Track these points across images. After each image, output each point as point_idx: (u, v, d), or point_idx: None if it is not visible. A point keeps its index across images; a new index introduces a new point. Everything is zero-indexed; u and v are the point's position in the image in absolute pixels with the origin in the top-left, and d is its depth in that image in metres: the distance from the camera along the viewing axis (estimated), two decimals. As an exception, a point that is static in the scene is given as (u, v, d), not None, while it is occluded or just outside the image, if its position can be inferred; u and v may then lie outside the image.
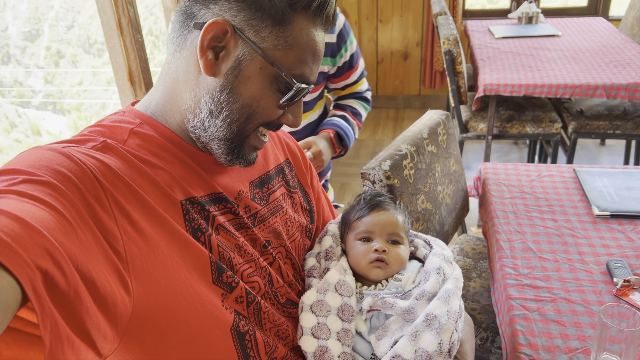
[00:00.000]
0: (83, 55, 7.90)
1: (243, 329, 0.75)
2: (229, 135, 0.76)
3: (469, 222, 2.85)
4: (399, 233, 0.98)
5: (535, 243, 1.35)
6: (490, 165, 1.75)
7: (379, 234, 0.97)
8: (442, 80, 4.34)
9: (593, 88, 2.47)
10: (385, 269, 0.94)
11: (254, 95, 0.74)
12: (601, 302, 1.14)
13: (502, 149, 3.80)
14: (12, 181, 0.57)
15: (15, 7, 7.55)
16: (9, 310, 0.47)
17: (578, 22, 3.54)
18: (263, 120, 0.77)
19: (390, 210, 1.00)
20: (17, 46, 7.48)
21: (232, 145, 0.77)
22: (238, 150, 0.78)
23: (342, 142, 1.52)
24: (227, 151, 0.78)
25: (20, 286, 0.47)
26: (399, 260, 0.96)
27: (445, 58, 2.67)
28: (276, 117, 0.78)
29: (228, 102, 0.73)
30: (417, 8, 4.19)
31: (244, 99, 0.74)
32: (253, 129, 0.77)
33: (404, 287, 0.93)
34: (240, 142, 0.78)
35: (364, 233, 0.98)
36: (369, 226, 0.98)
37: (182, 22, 0.74)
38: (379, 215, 0.99)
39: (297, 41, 0.73)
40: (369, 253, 0.95)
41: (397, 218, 0.99)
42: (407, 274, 0.95)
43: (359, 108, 1.59)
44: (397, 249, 0.96)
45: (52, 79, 7.90)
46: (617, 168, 1.68)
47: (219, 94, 0.73)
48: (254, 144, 0.80)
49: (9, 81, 7.86)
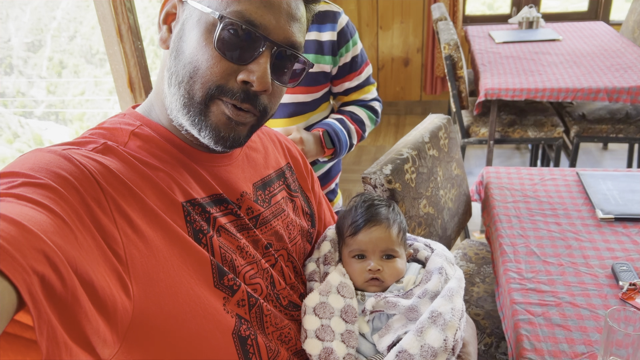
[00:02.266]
0: (85, 65, 7.94)
1: (244, 333, 0.74)
2: (182, 101, 0.71)
3: (472, 228, 2.83)
4: (393, 248, 0.95)
5: (539, 247, 1.33)
6: (493, 169, 1.74)
7: (372, 251, 0.95)
8: (443, 86, 4.34)
9: (595, 91, 2.46)
10: (381, 286, 0.94)
11: (193, 48, 0.70)
12: (607, 306, 1.12)
13: (504, 154, 3.79)
14: (10, 184, 0.57)
15: (18, 18, 7.60)
16: (4, 315, 0.46)
17: (579, 27, 3.54)
18: (209, 77, 0.70)
19: (383, 224, 0.96)
20: (19, 57, 7.52)
21: (190, 113, 0.72)
22: (199, 120, 0.72)
23: (332, 143, 1.44)
24: (190, 123, 0.72)
25: (16, 291, 0.46)
26: (395, 274, 0.95)
27: (446, 63, 2.67)
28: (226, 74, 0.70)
29: (176, 65, 0.72)
30: (417, 14, 4.20)
31: (185, 56, 0.71)
32: (204, 93, 0.71)
33: (405, 289, 0.93)
34: (198, 108, 0.71)
35: (358, 251, 0.96)
36: (362, 244, 0.95)
37: None
38: (371, 232, 0.95)
39: None
40: (364, 272, 0.94)
41: (391, 232, 0.96)
42: (407, 276, 0.95)
43: (361, 115, 1.52)
44: (392, 263, 0.95)
45: (55, 89, 7.94)
46: (621, 171, 1.66)
47: (169, 62, 0.73)
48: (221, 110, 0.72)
49: (11, 92, 7.89)
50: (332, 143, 1.44)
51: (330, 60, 1.44)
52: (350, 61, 1.48)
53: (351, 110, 1.52)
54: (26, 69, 7.60)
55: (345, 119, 1.48)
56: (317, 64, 1.42)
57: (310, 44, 1.42)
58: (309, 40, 1.41)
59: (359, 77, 1.52)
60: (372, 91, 1.57)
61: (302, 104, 1.45)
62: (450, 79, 2.72)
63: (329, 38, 1.42)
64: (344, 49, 1.45)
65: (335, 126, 1.44)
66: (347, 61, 1.47)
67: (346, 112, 1.51)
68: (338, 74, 1.49)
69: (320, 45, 1.42)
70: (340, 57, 1.46)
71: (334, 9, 1.44)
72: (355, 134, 1.49)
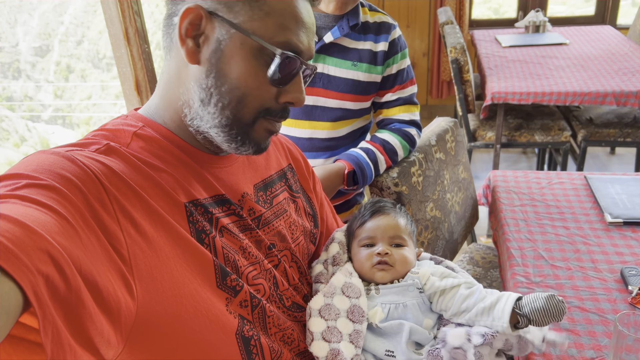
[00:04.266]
0: (92, 69, 7.99)
1: (248, 334, 0.74)
2: (225, 122, 0.74)
3: (479, 232, 2.82)
4: (401, 235, 0.98)
5: (546, 251, 1.32)
6: (500, 173, 1.73)
7: (380, 238, 0.98)
8: (450, 90, 4.33)
9: (602, 95, 2.44)
10: (389, 271, 0.94)
11: (240, 74, 0.71)
12: (616, 311, 1.11)
13: (511, 158, 3.78)
14: (15, 185, 0.57)
15: (26, 23, 7.67)
16: (11, 316, 0.46)
17: (586, 31, 3.53)
18: (259, 102, 0.74)
19: (391, 214, 1.01)
20: (27, 61, 7.59)
21: (233, 132, 0.74)
22: (243, 137, 0.75)
23: (354, 180, 1.42)
24: (229, 139, 0.75)
25: (22, 291, 0.46)
26: (404, 261, 0.96)
27: (452, 66, 2.67)
28: (272, 97, 0.75)
29: (216, 85, 0.72)
30: (423, 19, 4.20)
31: (231, 80, 0.72)
32: (253, 116, 0.75)
33: (421, 281, 0.93)
34: (242, 129, 0.75)
35: (366, 239, 0.99)
36: (371, 232, 0.99)
37: (167, 24, 0.75)
38: (379, 219, 1.00)
39: (273, 7, 0.71)
40: (371, 257, 0.95)
41: (399, 221, 1.00)
42: (423, 270, 0.95)
43: (395, 145, 1.45)
44: (401, 250, 0.97)
45: (62, 93, 7.99)
46: (629, 175, 1.65)
47: (206, 80, 0.72)
48: (267, 127, 0.77)
49: (19, 96, 7.96)
50: (356, 179, 1.41)
51: (379, 69, 1.44)
52: (395, 73, 1.47)
53: (384, 138, 1.46)
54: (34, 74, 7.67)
55: (375, 150, 1.43)
56: (369, 74, 1.43)
57: (365, 53, 1.42)
58: (364, 49, 1.42)
59: (402, 91, 1.49)
60: (414, 112, 1.52)
61: (348, 111, 1.45)
62: (457, 82, 2.71)
63: (382, 48, 1.43)
64: (391, 59, 1.45)
65: (362, 159, 1.40)
66: (392, 73, 1.46)
67: (378, 139, 1.46)
68: (382, 84, 1.47)
69: (374, 56, 1.43)
70: (387, 68, 1.45)
71: (390, 21, 1.46)
72: (384, 164, 1.44)
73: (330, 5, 1.35)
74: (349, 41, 1.41)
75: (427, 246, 1.51)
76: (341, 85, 1.41)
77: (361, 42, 1.42)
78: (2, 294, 0.45)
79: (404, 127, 1.49)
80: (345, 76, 1.41)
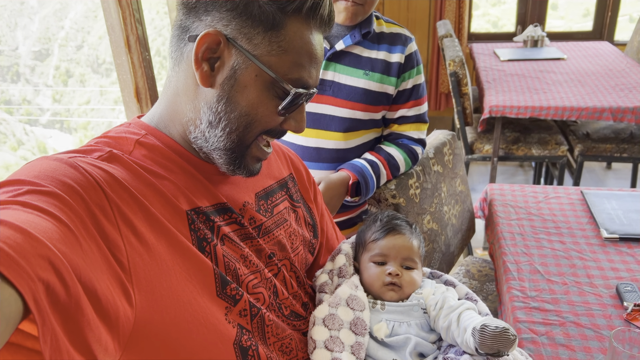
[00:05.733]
0: (91, 74, 8.00)
1: (246, 344, 0.74)
2: (229, 145, 0.75)
3: (475, 245, 2.82)
4: (414, 258, 0.99)
5: (542, 265, 1.33)
6: (497, 186, 1.74)
7: (393, 257, 0.98)
8: (448, 102, 4.35)
9: (600, 111, 2.46)
10: (398, 292, 0.96)
11: (252, 103, 0.73)
12: (611, 327, 1.11)
13: (508, 171, 3.79)
14: (16, 192, 0.57)
15: (26, 27, 7.68)
16: (10, 323, 0.46)
17: (583, 46, 3.56)
18: (263, 128, 0.76)
19: (407, 235, 1.01)
20: (26, 65, 7.59)
21: (234, 155, 0.76)
22: (240, 160, 0.78)
23: (357, 191, 1.42)
24: (229, 161, 0.77)
25: (22, 298, 0.46)
26: (412, 284, 0.97)
27: (450, 79, 2.68)
28: (277, 124, 0.78)
29: (226, 111, 0.73)
30: (422, 30, 4.23)
31: (242, 108, 0.73)
32: (254, 138, 0.77)
33: (425, 300, 0.94)
34: (241, 151, 0.77)
35: (379, 256, 0.99)
36: (385, 250, 0.99)
37: (178, 36, 0.75)
38: (395, 239, 1.00)
39: (291, 45, 0.72)
40: (383, 276, 0.96)
41: (413, 243, 1.00)
42: (426, 289, 0.97)
43: (399, 161, 1.45)
44: (411, 273, 0.98)
45: (60, 97, 7.98)
46: (625, 191, 1.66)
47: (217, 104, 0.73)
48: (256, 154, 0.79)
49: (17, 99, 7.95)
50: (357, 191, 1.41)
51: (394, 82, 1.41)
52: (411, 88, 1.44)
53: (391, 153, 1.45)
54: (33, 77, 7.66)
55: (380, 163, 1.42)
56: (382, 84, 1.40)
57: (378, 63, 1.40)
58: (377, 58, 1.40)
59: (417, 108, 1.47)
60: (423, 131, 1.52)
61: (359, 121, 1.42)
62: (455, 95, 2.73)
63: (397, 60, 1.40)
64: (407, 73, 1.43)
65: (366, 172, 1.39)
66: (407, 87, 1.44)
67: (384, 153, 1.45)
68: (396, 98, 1.45)
69: (388, 66, 1.40)
70: (402, 82, 1.43)
71: (407, 34, 1.44)
72: (385, 178, 1.45)
73: (340, 16, 1.34)
74: (361, 49, 1.40)
75: (424, 259, 1.51)
76: (352, 94, 1.39)
77: (374, 51, 1.40)
78: (2, 301, 0.45)
79: (411, 144, 1.48)
80: (356, 85, 1.39)
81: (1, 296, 0.45)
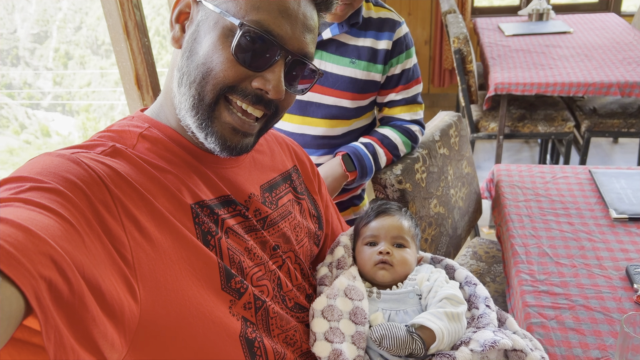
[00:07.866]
0: (91, 56, 7.94)
1: (251, 336, 0.74)
2: (191, 102, 0.71)
3: (481, 223, 2.81)
4: (404, 236, 1.00)
5: (551, 248, 1.32)
6: (504, 167, 1.72)
7: (384, 237, 0.99)
8: (452, 79, 4.30)
9: (607, 86, 2.42)
10: (389, 271, 0.96)
11: (207, 51, 0.70)
12: (621, 310, 1.11)
13: (513, 147, 3.76)
14: (18, 189, 0.57)
15: (24, 9, 7.59)
16: (12, 321, 0.46)
17: (590, 18, 3.49)
18: (223, 80, 0.70)
19: (396, 215, 1.03)
20: (26, 48, 7.52)
21: (199, 116, 0.72)
22: (207, 124, 0.72)
23: (354, 165, 1.40)
24: (198, 126, 0.73)
25: (24, 296, 0.46)
26: (404, 262, 0.97)
27: (455, 57, 2.64)
28: (240, 78, 0.71)
29: (188, 65, 0.72)
30: (425, 6, 4.16)
31: (199, 58, 0.71)
32: (216, 93, 0.71)
33: (419, 286, 0.94)
34: (206, 112, 0.72)
35: (370, 237, 1.00)
36: (374, 230, 1.00)
37: None
38: (383, 219, 1.02)
39: None
40: (373, 255, 0.97)
41: (402, 222, 1.02)
42: (420, 274, 0.96)
43: (394, 139, 1.43)
44: (402, 251, 0.98)
45: (61, 80, 7.94)
46: (634, 169, 1.64)
47: (181, 61, 0.73)
48: (227, 120, 0.73)
49: (18, 83, 7.91)
50: (354, 165, 1.39)
51: (381, 69, 1.40)
52: (399, 73, 1.43)
53: (384, 133, 1.45)
54: (32, 60, 7.60)
55: (374, 143, 1.42)
56: (368, 72, 1.39)
57: (364, 50, 1.38)
58: (364, 46, 1.38)
59: (406, 92, 1.46)
60: (418, 112, 1.49)
61: (346, 109, 1.41)
62: (460, 73, 2.69)
63: (384, 47, 1.38)
64: (395, 59, 1.41)
65: (359, 149, 1.39)
66: (396, 73, 1.42)
67: (378, 134, 1.45)
68: (385, 83, 1.44)
69: (375, 54, 1.38)
70: (390, 67, 1.41)
71: (395, 18, 1.41)
72: (383, 157, 1.42)
73: (330, 16, 1.30)
74: (348, 37, 1.38)
75: (431, 243, 1.50)
76: (338, 82, 1.38)
77: (361, 38, 1.38)
78: (3, 299, 0.45)
79: (405, 124, 1.47)
80: (342, 73, 1.38)
81: (2, 295, 0.45)
